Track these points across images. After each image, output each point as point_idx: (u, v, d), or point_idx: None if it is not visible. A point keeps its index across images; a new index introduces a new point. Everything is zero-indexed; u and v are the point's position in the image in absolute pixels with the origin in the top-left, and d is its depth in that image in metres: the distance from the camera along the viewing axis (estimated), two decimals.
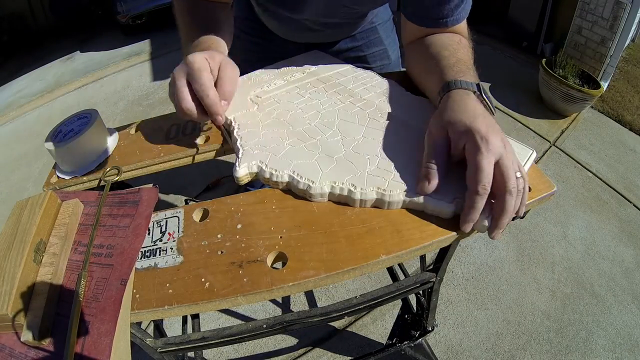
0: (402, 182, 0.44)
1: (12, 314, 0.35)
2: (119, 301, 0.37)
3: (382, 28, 0.84)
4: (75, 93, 3.16)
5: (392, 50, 0.87)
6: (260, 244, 0.42)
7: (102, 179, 0.53)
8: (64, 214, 0.45)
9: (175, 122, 0.62)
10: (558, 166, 1.89)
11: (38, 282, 0.38)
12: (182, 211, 0.47)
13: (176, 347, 0.56)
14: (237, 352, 1.26)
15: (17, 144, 2.61)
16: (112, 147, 0.58)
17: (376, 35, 0.83)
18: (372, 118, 0.54)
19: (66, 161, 0.53)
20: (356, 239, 0.41)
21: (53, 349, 0.36)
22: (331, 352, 1.24)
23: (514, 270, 1.45)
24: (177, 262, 0.41)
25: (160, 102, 2.74)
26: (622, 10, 2.00)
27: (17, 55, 4.29)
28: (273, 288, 0.38)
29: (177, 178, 1.95)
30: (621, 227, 1.58)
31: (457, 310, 1.33)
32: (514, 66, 2.70)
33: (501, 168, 0.37)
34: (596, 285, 1.38)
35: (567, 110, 2.17)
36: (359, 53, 0.83)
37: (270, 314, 1.36)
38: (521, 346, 1.22)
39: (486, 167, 0.37)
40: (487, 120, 0.40)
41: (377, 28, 0.82)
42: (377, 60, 0.85)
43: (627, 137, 2.06)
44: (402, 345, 0.86)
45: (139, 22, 3.85)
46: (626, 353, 1.20)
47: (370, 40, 0.83)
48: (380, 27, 0.83)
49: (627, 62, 2.61)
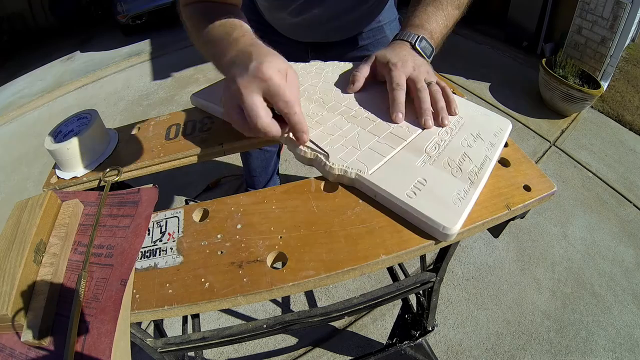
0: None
1: (12, 314, 0.35)
2: (119, 301, 0.37)
3: (389, 28, 0.84)
4: (75, 93, 3.16)
5: None
6: (260, 244, 0.42)
7: (102, 179, 0.53)
8: (64, 214, 0.45)
9: (175, 122, 0.62)
10: (558, 166, 1.89)
11: (38, 283, 0.38)
12: (182, 211, 0.47)
13: (176, 347, 0.56)
14: (237, 352, 1.26)
15: (17, 144, 2.61)
16: (112, 147, 0.58)
17: (383, 34, 0.83)
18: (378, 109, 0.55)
19: (66, 161, 0.53)
20: (356, 239, 0.41)
21: (53, 349, 0.36)
22: (331, 352, 1.24)
23: (514, 270, 1.45)
24: (177, 262, 0.41)
25: (160, 102, 2.74)
26: (622, 10, 1.99)
27: (17, 56, 4.29)
28: (273, 288, 0.38)
29: (177, 178, 1.95)
30: (621, 227, 1.58)
31: (457, 310, 1.33)
32: (514, 66, 2.70)
33: (412, 78, 0.51)
34: (596, 285, 1.38)
35: (567, 110, 2.17)
36: (365, 52, 0.82)
37: (270, 314, 1.36)
38: (521, 346, 1.22)
39: (395, 74, 0.51)
40: (404, 57, 0.53)
41: (384, 27, 0.82)
42: None
43: (627, 137, 2.06)
44: (402, 345, 0.86)
45: (138, 22, 3.85)
46: (626, 353, 1.20)
47: (377, 40, 0.83)
48: (386, 26, 0.83)
49: (627, 62, 2.61)
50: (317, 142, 0.48)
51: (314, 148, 0.48)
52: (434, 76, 0.54)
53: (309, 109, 0.56)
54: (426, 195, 0.42)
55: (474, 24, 3.13)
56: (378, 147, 0.48)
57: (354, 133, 0.50)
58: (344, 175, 0.46)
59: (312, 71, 0.65)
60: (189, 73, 3.07)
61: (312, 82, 0.62)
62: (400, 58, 0.53)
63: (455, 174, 0.45)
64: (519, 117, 2.22)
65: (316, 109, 0.55)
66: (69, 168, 0.54)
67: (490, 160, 0.47)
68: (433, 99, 0.50)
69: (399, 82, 0.51)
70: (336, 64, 0.66)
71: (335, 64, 0.67)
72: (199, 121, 0.61)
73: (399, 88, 0.51)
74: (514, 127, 2.21)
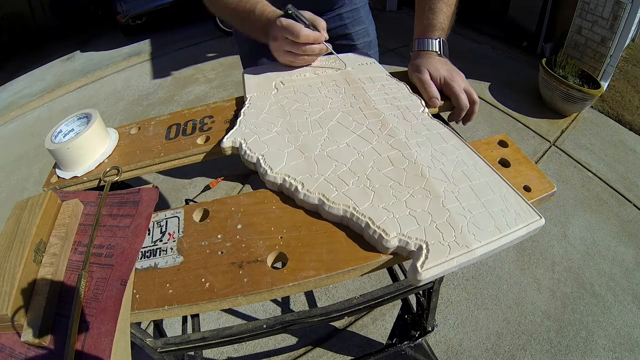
0: (349, 197, 0.43)
1: (12, 314, 0.35)
2: (119, 301, 0.37)
3: (363, 10, 0.98)
4: (75, 93, 3.16)
5: (371, 29, 1.02)
6: (260, 244, 0.42)
7: (102, 178, 0.53)
8: (64, 214, 0.45)
9: (175, 122, 0.62)
10: (558, 166, 1.89)
11: (38, 283, 0.38)
12: (182, 211, 0.47)
13: (176, 347, 0.56)
14: (237, 352, 1.26)
15: (17, 144, 2.61)
16: (112, 147, 0.58)
17: (360, 15, 0.97)
18: (369, 129, 0.54)
19: (66, 161, 0.53)
20: (356, 239, 0.41)
21: (53, 349, 0.36)
22: (331, 352, 1.24)
23: (514, 270, 1.45)
24: (177, 262, 0.41)
25: (160, 102, 2.74)
26: (622, 10, 1.99)
27: (17, 55, 4.28)
28: (273, 288, 0.38)
29: (177, 178, 1.95)
30: (621, 227, 1.58)
31: (457, 310, 1.33)
32: (514, 66, 2.70)
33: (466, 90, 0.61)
34: (596, 285, 1.38)
35: (567, 110, 2.17)
36: (345, 31, 0.96)
37: (271, 314, 1.36)
38: (521, 346, 1.22)
39: (461, 95, 0.60)
40: (445, 66, 0.64)
41: (360, 9, 0.96)
42: (360, 37, 0.98)
43: (627, 137, 2.06)
44: (402, 345, 0.86)
45: (138, 22, 3.85)
46: (626, 353, 1.20)
47: (355, 20, 0.96)
48: (362, 9, 0.97)
49: (627, 62, 2.61)
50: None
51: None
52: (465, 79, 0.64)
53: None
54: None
55: (474, 24, 3.13)
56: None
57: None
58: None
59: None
60: (188, 73, 3.07)
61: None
62: (447, 71, 0.63)
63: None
64: (519, 117, 2.22)
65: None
66: (69, 168, 0.54)
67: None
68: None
69: (474, 99, 0.61)
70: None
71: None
72: (199, 121, 0.61)
73: (428, 80, 0.62)
74: (514, 126, 2.20)
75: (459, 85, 0.60)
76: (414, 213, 0.42)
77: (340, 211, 0.42)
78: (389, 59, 2.85)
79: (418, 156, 0.49)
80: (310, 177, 0.46)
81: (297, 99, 0.60)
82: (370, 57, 0.76)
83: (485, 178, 0.46)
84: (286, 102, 0.60)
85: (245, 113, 0.58)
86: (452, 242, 0.39)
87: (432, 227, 0.40)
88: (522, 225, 0.41)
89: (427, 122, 0.55)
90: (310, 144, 0.51)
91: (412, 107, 0.58)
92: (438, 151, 0.50)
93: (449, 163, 0.48)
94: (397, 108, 0.58)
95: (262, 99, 0.60)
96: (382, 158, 0.49)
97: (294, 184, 0.45)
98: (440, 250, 0.38)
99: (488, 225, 0.40)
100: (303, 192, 0.44)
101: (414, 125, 0.54)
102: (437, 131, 0.53)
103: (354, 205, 0.42)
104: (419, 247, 0.38)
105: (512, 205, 0.43)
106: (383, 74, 0.68)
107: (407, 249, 0.39)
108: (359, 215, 0.41)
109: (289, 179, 0.46)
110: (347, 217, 0.42)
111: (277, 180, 0.46)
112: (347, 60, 0.71)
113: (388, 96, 0.61)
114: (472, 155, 0.49)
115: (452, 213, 0.41)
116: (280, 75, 0.66)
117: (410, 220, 0.41)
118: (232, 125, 0.57)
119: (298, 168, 0.47)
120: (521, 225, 0.41)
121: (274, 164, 0.48)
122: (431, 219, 0.41)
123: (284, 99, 0.60)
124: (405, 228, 0.40)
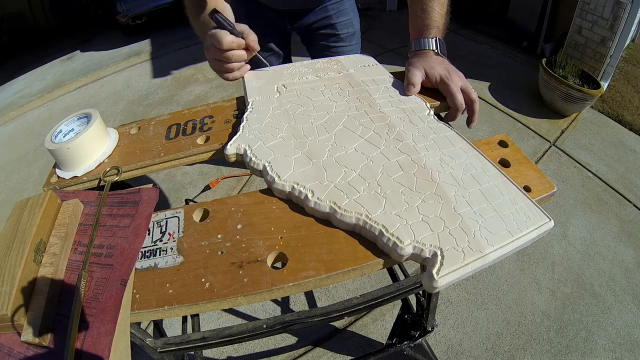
0: (361, 205, 0.42)
1: (12, 314, 0.35)
2: (119, 301, 0.37)
3: (348, 3, 1.03)
4: (75, 93, 3.16)
5: (355, 21, 1.07)
6: (260, 244, 0.42)
7: (102, 178, 0.53)
8: (64, 214, 0.45)
9: (175, 122, 0.62)
10: (558, 166, 1.89)
11: (38, 282, 0.38)
12: (182, 211, 0.47)
13: (176, 347, 0.56)
14: (237, 352, 1.26)
15: (17, 144, 2.61)
16: (112, 147, 0.58)
17: (344, 7, 1.02)
18: (376, 133, 0.53)
19: (66, 161, 0.53)
20: (356, 239, 0.41)
21: (53, 349, 0.36)
22: (331, 352, 1.24)
23: (514, 270, 1.45)
24: (177, 263, 0.41)
25: (160, 102, 2.73)
26: (622, 10, 1.99)
27: (17, 55, 4.28)
28: (273, 288, 0.38)
29: (177, 178, 1.95)
30: (621, 227, 1.58)
31: (457, 310, 1.33)
32: (514, 66, 2.70)
33: (463, 89, 0.60)
34: (596, 285, 1.38)
35: (567, 110, 2.17)
36: (330, 21, 1.01)
37: (271, 314, 1.36)
38: (521, 346, 1.22)
39: (458, 95, 0.59)
40: (448, 68, 0.62)
41: (345, 2, 1.02)
42: (344, 28, 1.03)
43: (627, 137, 2.06)
44: (402, 345, 0.85)
45: (138, 22, 3.85)
46: (626, 353, 1.20)
47: (340, 11, 1.01)
48: (347, 1, 1.02)
49: (627, 62, 2.61)
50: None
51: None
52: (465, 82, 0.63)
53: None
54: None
55: (474, 24, 3.13)
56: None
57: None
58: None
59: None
60: (189, 73, 3.07)
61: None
62: (445, 70, 0.62)
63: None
64: (519, 117, 2.22)
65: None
66: (69, 168, 0.54)
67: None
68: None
69: (473, 98, 0.59)
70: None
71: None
72: (199, 121, 0.61)
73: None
74: (514, 126, 2.20)
75: (456, 85, 0.59)
76: (426, 219, 0.41)
77: (352, 219, 0.41)
78: (389, 59, 2.85)
79: (427, 160, 0.48)
80: (320, 185, 0.45)
81: (300, 103, 0.59)
82: (354, 46, 0.81)
83: (494, 181, 0.46)
84: (290, 106, 0.58)
85: (248, 118, 0.56)
86: (465, 248, 0.38)
87: (446, 232, 0.40)
88: (533, 227, 0.41)
89: (434, 125, 0.55)
90: (317, 150, 0.50)
91: (418, 110, 0.58)
92: (447, 155, 0.49)
93: (458, 167, 0.47)
94: (402, 111, 0.57)
95: (265, 103, 0.59)
96: (391, 163, 0.48)
97: (303, 191, 0.44)
98: (455, 256, 0.37)
99: (500, 229, 0.40)
100: (314, 200, 0.43)
101: (420, 129, 0.54)
102: (445, 134, 0.53)
103: (367, 212, 0.41)
104: (434, 254, 0.38)
105: (522, 209, 0.42)
106: (386, 75, 0.67)
107: (421, 256, 0.38)
108: (372, 223, 0.40)
109: (298, 186, 0.45)
110: (359, 225, 0.41)
111: (285, 188, 0.45)
112: (350, 62, 0.70)
113: (393, 99, 0.60)
114: (480, 158, 0.49)
115: (464, 218, 0.41)
116: (281, 78, 0.65)
117: (423, 227, 0.40)
118: (233, 127, 0.57)
119: (307, 175, 0.46)
120: (532, 228, 0.41)
121: (282, 172, 0.47)
122: (444, 225, 0.40)
123: (288, 103, 0.59)
124: (419, 235, 0.39)
